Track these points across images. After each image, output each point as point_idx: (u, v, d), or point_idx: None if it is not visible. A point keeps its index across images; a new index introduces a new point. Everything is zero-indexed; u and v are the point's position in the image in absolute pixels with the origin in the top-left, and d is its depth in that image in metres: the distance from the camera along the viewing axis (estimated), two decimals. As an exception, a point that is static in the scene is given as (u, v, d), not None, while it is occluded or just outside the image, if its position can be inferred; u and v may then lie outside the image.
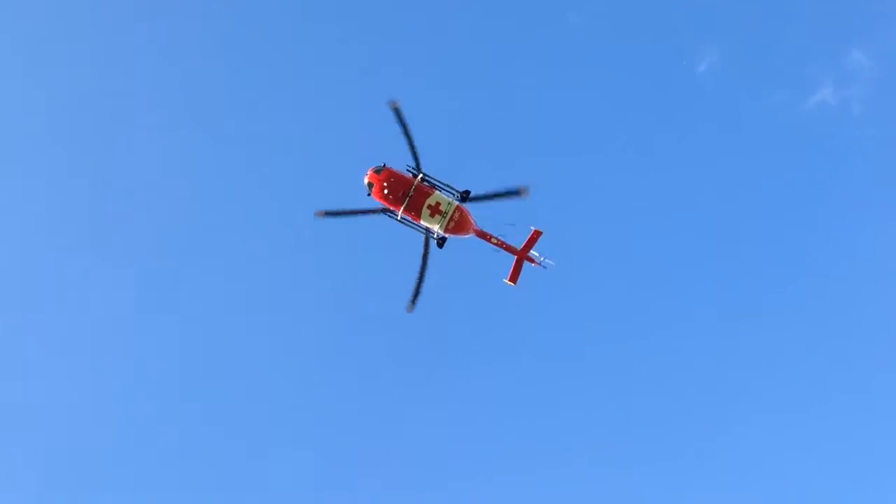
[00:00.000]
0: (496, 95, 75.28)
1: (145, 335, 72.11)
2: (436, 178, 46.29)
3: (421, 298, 46.56)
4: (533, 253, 47.66)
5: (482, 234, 47.47)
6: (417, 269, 46.52)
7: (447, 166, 47.03)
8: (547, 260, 47.74)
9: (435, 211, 45.91)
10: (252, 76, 74.97)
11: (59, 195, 72.91)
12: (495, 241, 47.60)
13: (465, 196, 46.40)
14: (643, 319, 72.55)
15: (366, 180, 46.17)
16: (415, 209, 45.87)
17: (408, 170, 46.15)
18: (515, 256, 47.55)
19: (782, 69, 75.98)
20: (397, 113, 44.24)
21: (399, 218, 46.23)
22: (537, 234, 47.35)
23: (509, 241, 47.62)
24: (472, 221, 46.91)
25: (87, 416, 70.67)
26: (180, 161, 73.80)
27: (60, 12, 74.46)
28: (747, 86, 76.14)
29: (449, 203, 46.07)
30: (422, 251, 46.56)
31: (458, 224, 46.22)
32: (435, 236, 46.46)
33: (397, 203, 45.83)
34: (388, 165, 46.21)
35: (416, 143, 45.10)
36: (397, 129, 44.68)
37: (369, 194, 46.11)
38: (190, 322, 72.53)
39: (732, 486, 69.99)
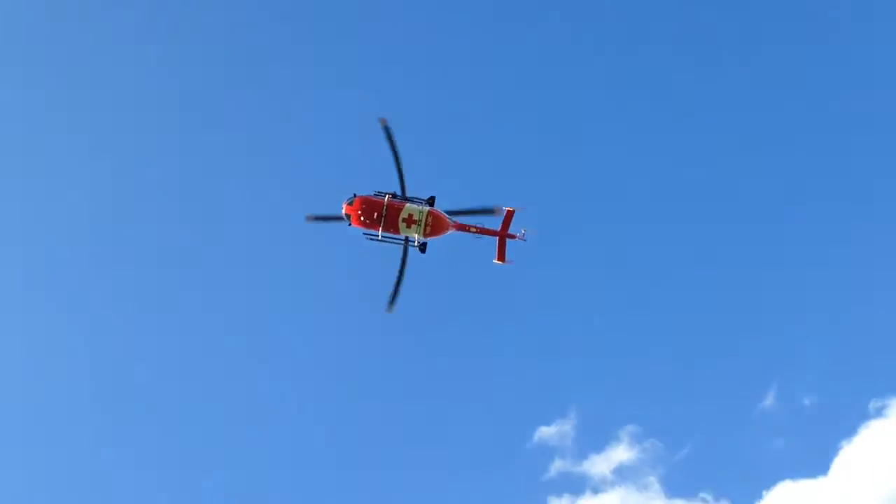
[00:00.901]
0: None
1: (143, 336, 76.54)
2: (401, 193, 50.57)
3: (400, 299, 50.77)
4: (521, 231, 51.34)
5: (461, 227, 51.49)
6: (396, 273, 50.68)
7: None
8: (528, 231, 51.35)
9: (410, 222, 50.29)
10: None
11: (57, 195, 77.50)
12: (475, 230, 51.62)
13: (431, 201, 50.60)
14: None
15: (342, 213, 50.82)
16: (392, 225, 50.35)
17: (376, 193, 50.65)
18: (497, 237, 51.52)
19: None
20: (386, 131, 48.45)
21: (380, 238, 50.72)
22: (510, 212, 51.01)
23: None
24: (447, 220, 51.02)
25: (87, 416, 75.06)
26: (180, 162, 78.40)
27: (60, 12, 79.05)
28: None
29: (420, 211, 50.34)
30: (400, 257, 50.75)
31: (433, 227, 50.51)
32: (416, 244, 50.80)
33: (375, 224, 50.42)
34: (357, 194, 50.75)
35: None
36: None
37: (349, 224, 50.82)
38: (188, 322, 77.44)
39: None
